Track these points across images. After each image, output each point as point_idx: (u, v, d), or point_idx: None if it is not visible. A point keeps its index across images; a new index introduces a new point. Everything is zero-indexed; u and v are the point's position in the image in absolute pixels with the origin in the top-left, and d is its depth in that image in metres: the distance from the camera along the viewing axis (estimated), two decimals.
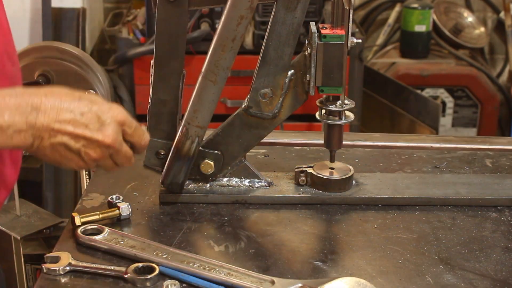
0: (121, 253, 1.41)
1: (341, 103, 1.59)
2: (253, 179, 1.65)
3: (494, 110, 4.26)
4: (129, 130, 1.36)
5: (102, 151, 1.33)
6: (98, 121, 1.30)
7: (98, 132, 1.31)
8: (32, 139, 1.26)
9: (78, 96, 1.30)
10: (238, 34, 1.48)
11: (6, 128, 1.23)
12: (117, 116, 1.33)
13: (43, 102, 1.26)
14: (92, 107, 1.30)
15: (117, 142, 1.34)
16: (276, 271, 1.38)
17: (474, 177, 1.73)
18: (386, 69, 4.23)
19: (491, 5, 4.49)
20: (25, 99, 1.25)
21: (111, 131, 1.32)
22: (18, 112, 1.24)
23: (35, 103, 1.25)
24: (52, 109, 1.26)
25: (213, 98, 1.53)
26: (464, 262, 1.42)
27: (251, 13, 1.47)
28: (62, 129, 1.28)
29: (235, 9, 1.45)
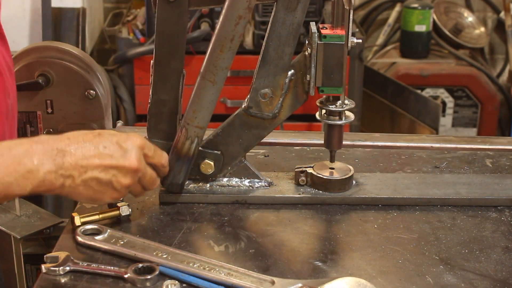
0: (121, 253, 1.41)
1: (341, 103, 1.59)
2: (253, 179, 1.66)
3: (494, 110, 4.26)
4: (149, 152, 1.47)
5: (131, 176, 1.43)
6: (120, 149, 1.40)
7: (124, 158, 1.40)
8: (63, 179, 1.34)
9: (98, 132, 1.41)
10: (236, 34, 1.48)
11: (36, 171, 1.31)
12: (136, 141, 1.43)
13: (68, 144, 1.35)
14: (112, 139, 1.40)
15: (142, 165, 1.44)
16: (276, 271, 1.38)
17: (475, 177, 1.73)
18: (386, 69, 4.24)
19: (491, 5, 4.50)
20: (50, 144, 1.34)
21: (134, 156, 1.42)
22: (46, 156, 1.32)
23: (60, 146, 1.34)
24: (77, 148, 1.36)
25: (212, 98, 1.53)
26: (464, 262, 1.42)
27: (249, 13, 1.47)
28: (90, 164, 1.37)
29: (233, 9, 1.45)
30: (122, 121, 2.03)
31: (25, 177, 1.30)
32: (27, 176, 1.30)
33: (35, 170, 1.31)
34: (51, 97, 1.84)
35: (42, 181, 1.32)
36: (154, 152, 1.48)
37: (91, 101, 1.84)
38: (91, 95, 1.83)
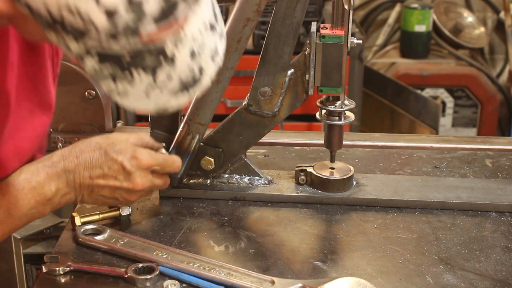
0: (121, 253, 1.41)
1: (341, 104, 1.59)
2: (253, 176, 1.66)
3: (494, 110, 4.26)
4: (158, 168, 1.47)
5: (137, 194, 1.47)
6: (124, 171, 1.43)
7: (127, 181, 1.44)
8: (75, 197, 1.43)
9: (104, 150, 1.42)
10: (244, 36, 1.49)
11: (54, 197, 1.40)
12: (140, 163, 1.44)
13: (76, 164, 1.41)
14: (118, 159, 1.43)
15: (147, 185, 1.46)
16: (276, 271, 1.38)
17: (478, 182, 1.71)
18: (386, 69, 4.23)
19: (491, 5, 4.49)
20: (61, 166, 1.40)
21: (138, 179, 1.44)
22: (61, 181, 1.40)
23: (70, 167, 1.41)
24: (84, 168, 1.41)
25: (216, 96, 1.54)
26: (464, 262, 1.42)
27: (257, 16, 1.48)
28: (95, 184, 1.42)
29: (243, 12, 1.47)
30: (122, 121, 2.04)
31: (45, 204, 1.40)
32: (46, 203, 1.39)
33: (53, 197, 1.40)
34: None
35: (59, 204, 1.42)
36: (163, 166, 1.48)
37: (91, 101, 1.84)
38: (91, 95, 1.83)
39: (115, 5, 0.96)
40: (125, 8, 0.96)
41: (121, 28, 0.98)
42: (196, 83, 1.07)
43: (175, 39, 1.03)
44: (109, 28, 0.98)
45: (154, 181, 1.47)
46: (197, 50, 1.03)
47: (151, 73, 1.03)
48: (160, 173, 1.49)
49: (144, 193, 1.49)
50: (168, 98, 1.07)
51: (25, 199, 1.36)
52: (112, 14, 0.96)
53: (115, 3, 0.96)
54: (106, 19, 0.97)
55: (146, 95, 1.05)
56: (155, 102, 1.07)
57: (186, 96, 1.08)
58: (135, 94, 1.06)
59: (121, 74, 1.03)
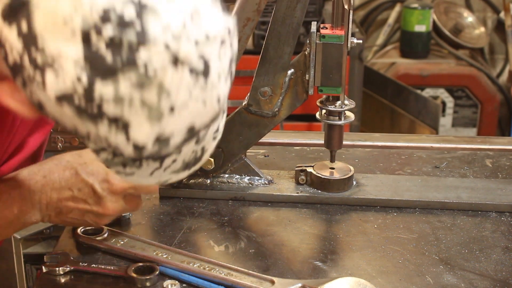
0: (121, 253, 1.41)
1: (341, 104, 1.59)
2: (254, 176, 1.66)
3: (494, 110, 4.26)
4: (133, 191, 1.39)
5: (108, 218, 1.40)
6: (94, 195, 1.35)
7: (97, 205, 1.36)
8: (41, 217, 1.35)
9: (75, 170, 1.35)
10: (244, 36, 1.49)
11: (17, 219, 1.32)
12: (112, 187, 1.36)
13: (44, 184, 1.33)
14: (89, 181, 1.35)
15: (118, 210, 1.38)
16: (276, 271, 1.38)
17: (478, 182, 1.70)
18: (386, 69, 4.23)
19: (491, 5, 4.49)
20: (26, 186, 1.32)
21: (109, 203, 1.36)
22: (25, 202, 1.32)
23: (36, 188, 1.33)
24: (52, 189, 1.33)
25: None
26: (464, 262, 1.42)
27: (258, 15, 1.48)
28: (64, 206, 1.35)
29: (243, 11, 1.47)
30: None
31: (7, 227, 1.34)
32: (9, 226, 1.34)
33: (15, 219, 1.33)
34: None
35: (24, 224, 1.35)
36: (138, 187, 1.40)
37: None
38: None
39: (144, 143, 0.97)
40: (152, 145, 0.98)
41: (144, 156, 1.01)
42: (197, 161, 1.09)
43: None
44: (133, 156, 1.01)
45: (128, 204, 1.40)
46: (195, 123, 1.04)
47: (159, 161, 1.05)
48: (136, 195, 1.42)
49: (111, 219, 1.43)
50: (170, 176, 1.09)
51: None
52: (139, 149, 0.98)
53: (145, 142, 0.97)
54: (132, 151, 0.98)
55: (151, 175, 1.07)
56: (158, 179, 1.09)
57: (186, 173, 1.10)
58: (140, 175, 1.07)
59: (131, 163, 1.05)
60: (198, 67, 0.94)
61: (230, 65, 1.01)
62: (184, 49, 0.92)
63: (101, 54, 0.90)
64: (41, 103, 0.96)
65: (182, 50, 0.92)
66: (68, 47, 0.90)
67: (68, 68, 0.91)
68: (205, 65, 0.95)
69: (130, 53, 0.90)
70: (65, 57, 0.91)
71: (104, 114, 0.94)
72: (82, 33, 0.90)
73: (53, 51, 0.91)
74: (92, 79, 0.91)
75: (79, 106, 0.93)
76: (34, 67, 0.93)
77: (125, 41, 0.90)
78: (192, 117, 0.98)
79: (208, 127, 1.04)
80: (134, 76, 0.91)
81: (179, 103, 0.95)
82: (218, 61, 0.97)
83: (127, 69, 0.91)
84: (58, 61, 0.91)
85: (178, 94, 0.94)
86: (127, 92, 0.92)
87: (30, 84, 0.95)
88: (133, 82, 0.91)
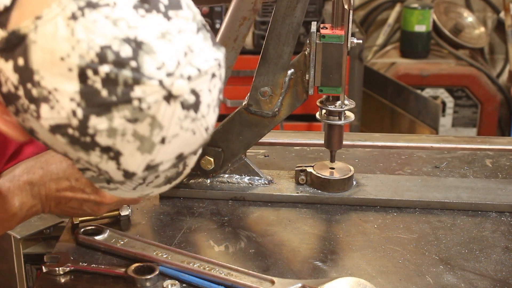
0: (121, 253, 1.41)
1: (341, 104, 1.59)
2: (253, 176, 1.66)
3: (494, 110, 4.26)
4: None
5: (106, 207, 1.43)
6: (91, 185, 1.36)
7: (95, 194, 1.39)
8: (42, 208, 1.38)
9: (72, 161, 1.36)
10: (240, 35, 1.49)
11: (19, 211, 1.35)
12: None
13: (42, 175, 1.36)
14: None
15: (114, 199, 1.41)
16: (276, 271, 1.38)
17: (478, 182, 1.70)
18: (386, 69, 4.23)
19: (491, 5, 4.49)
20: (23, 179, 1.35)
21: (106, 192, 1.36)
22: (25, 194, 1.35)
23: (34, 180, 1.36)
24: (50, 180, 1.37)
25: None
26: (464, 262, 1.42)
27: (254, 14, 1.47)
28: (62, 196, 1.38)
29: (238, 10, 1.47)
30: None
31: (10, 220, 1.36)
32: (11, 219, 1.36)
33: (18, 211, 1.35)
34: None
35: (25, 217, 1.38)
36: None
37: None
38: None
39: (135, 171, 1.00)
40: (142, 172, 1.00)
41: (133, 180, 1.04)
42: (179, 176, 1.12)
43: None
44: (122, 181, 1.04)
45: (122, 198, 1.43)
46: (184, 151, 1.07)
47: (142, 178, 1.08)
48: None
49: (114, 206, 1.46)
50: (152, 189, 1.12)
51: None
52: (129, 175, 1.01)
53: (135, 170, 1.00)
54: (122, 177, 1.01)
55: (134, 189, 1.10)
56: (140, 193, 1.12)
57: (167, 187, 1.13)
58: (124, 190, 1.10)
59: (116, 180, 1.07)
60: (189, 101, 0.97)
61: (219, 95, 1.03)
62: (177, 85, 0.95)
63: (96, 90, 0.92)
64: (33, 130, 0.98)
65: (175, 86, 0.95)
66: (64, 83, 0.92)
67: (64, 102, 0.93)
68: (196, 99, 0.98)
69: (125, 90, 0.92)
70: (61, 91, 0.92)
71: (96, 144, 0.96)
72: (79, 70, 0.92)
73: (49, 85, 0.92)
74: (87, 113, 0.93)
75: (72, 136, 0.95)
76: (30, 100, 0.94)
77: (120, 79, 0.92)
78: (182, 146, 1.01)
79: (196, 153, 1.07)
80: (128, 111, 0.93)
81: (170, 135, 0.97)
82: (208, 93, 1.00)
83: (122, 105, 0.93)
84: (54, 95, 0.93)
85: (169, 127, 0.97)
86: (120, 125, 0.94)
87: (23, 113, 0.96)
88: (127, 117, 0.94)
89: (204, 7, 3.49)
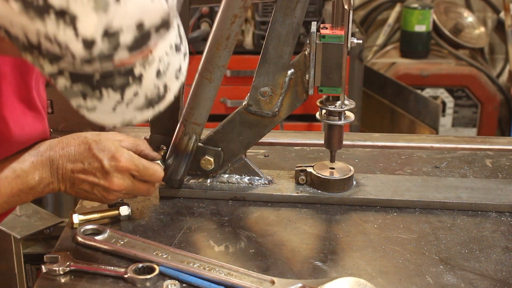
0: (121, 253, 1.41)
1: (341, 104, 1.59)
2: (253, 176, 1.66)
3: (494, 110, 4.26)
4: (137, 174, 1.47)
5: (115, 195, 1.47)
6: (103, 170, 1.44)
7: (104, 180, 1.44)
8: (58, 187, 1.44)
9: (89, 145, 1.44)
10: (232, 33, 1.49)
11: (37, 185, 1.42)
12: (118, 165, 1.44)
13: (61, 155, 1.43)
14: (99, 156, 1.43)
15: (124, 186, 1.46)
16: (276, 271, 1.38)
17: (479, 182, 1.70)
18: (386, 69, 4.23)
19: (491, 5, 4.49)
20: (47, 155, 1.42)
21: (115, 179, 1.45)
22: (45, 170, 1.42)
23: (55, 157, 1.42)
24: (68, 161, 1.43)
25: (209, 95, 1.54)
26: (464, 262, 1.42)
27: (245, 12, 1.47)
28: (76, 177, 1.44)
29: (229, 8, 1.47)
30: None
31: (28, 192, 1.41)
32: (29, 191, 1.41)
33: (36, 185, 1.41)
34: (51, 97, 1.84)
35: (41, 192, 1.44)
36: (142, 173, 1.47)
37: None
38: None
39: (93, 36, 0.99)
40: (101, 39, 1.00)
41: (96, 56, 1.02)
42: (161, 99, 1.13)
43: (143, 61, 1.09)
44: (84, 56, 1.02)
45: (136, 185, 1.47)
46: (162, 70, 1.09)
47: (119, 92, 1.08)
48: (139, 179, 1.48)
49: (123, 195, 1.48)
50: (134, 113, 1.12)
51: (8, 187, 1.38)
52: (89, 44, 1.00)
53: (93, 35, 0.99)
54: (83, 48, 1.00)
55: (113, 110, 1.11)
56: (122, 117, 1.12)
57: (151, 111, 1.14)
58: (102, 110, 1.11)
59: (91, 92, 1.08)
60: None
61: None
62: None
63: None
64: None
65: None
66: None
67: None
68: None
69: None
70: None
71: (50, 6, 0.96)
72: None
73: None
74: None
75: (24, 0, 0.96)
76: None
77: None
78: (140, 12, 1.00)
79: (159, 32, 1.05)
80: None
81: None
82: None
83: None
84: None
85: None
86: None
87: None
88: None
89: (204, 7, 3.49)
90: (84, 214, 1.52)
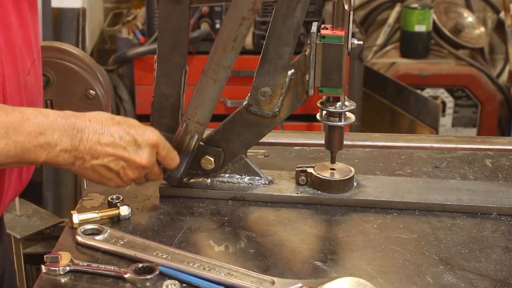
0: (121, 253, 1.41)
1: (341, 105, 1.59)
2: (254, 176, 1.66)
3: (494, 110, 4.26)
4: (162, 152, 1.49)
5: (139, 171, 1.47)
6: (135, 144, 1.43)
7: (135, 154, 1.44)
8: (74, 159, 1.39)
9: (117, 121, 1.43)
10: (240, 35, 1.48)
11: (54, 145, 1.35)
12: (151, 139, 1.45)
13: (87, 126, 1.38)
14: (130, 131, 1.43)
15: (151, 163, 1.47)
16: (276, 271, 1.38)
17: (479, 184, 1.69)
18: (386, 69, 4.24)
19: (491, 5, 4.50)
20: (72, 121, 1.37)
21: (146, 154, 1.45)
22: (66, 134, 1.36)
23: (81, 126, 1.38)
24: (94, 133, 1.39)
25: (213, 96, 1.54)
26: (464, 262, 1.42)
27: (253, 14, 1.47)
28: (103, 151, 1.40)
29: (238, 10, 1.46)
30: None
31: (42, 147, 1.34)
32: (44, 147, 1.34)
33: (53, 144, 1.35)
34: (51, 97, 1.85)
35: (56, 157, 1.36)
36: (167, 153, 1.50)
37: (91, 101, 1.84)
38: (91, 95, 1.84)
39: None
40: None
41: None
42: None
43: None
44: None
45: (155, 163, 1.49)
46: None
47: None
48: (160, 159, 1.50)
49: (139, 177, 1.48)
50: None
51: (26, 129, 1.31)
52: None
53: None
54: None
55: None
56: None
57: None
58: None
59: None
60: None
61: None
62: None
63: None
64: None
65: None
66: None
67: None
68: None
69: None
70: None
71: None
72: None
73: None
74: None
75: None
76: None
77: None
78: None
79: None
80: None
81: None
82: None
83: None
84: None
85: None
86: None
87: None
88: None
89: (204, 7, 3.49)
90: (84, 214, 1.52)
